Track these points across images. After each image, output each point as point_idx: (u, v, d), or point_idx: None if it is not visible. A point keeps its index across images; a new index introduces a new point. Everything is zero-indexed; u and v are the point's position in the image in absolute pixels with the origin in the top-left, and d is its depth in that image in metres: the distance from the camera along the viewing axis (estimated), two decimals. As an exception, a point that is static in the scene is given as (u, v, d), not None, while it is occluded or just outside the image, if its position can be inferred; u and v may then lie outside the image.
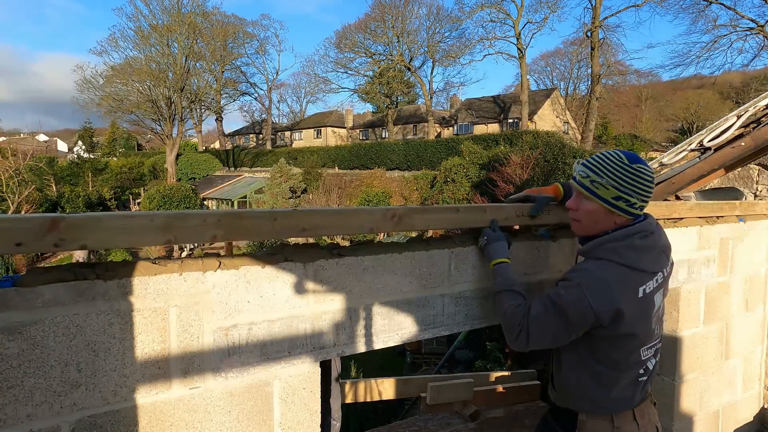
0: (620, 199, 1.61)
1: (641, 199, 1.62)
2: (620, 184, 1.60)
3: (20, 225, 1.12)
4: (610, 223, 1.66)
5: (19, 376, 1.17)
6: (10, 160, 24.10)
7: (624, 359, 1.67)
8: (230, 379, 1.46)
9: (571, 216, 1.76)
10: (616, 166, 1.61)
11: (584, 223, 1.71)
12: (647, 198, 1.64)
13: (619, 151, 1.65)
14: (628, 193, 1.60)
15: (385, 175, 28.44)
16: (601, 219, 1.66)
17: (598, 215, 1.66)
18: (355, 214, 1.61)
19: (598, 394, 1.70)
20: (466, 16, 38.26)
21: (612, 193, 1.61)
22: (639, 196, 1.62)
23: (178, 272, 1.36)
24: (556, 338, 1.64)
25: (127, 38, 39.61)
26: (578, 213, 1.72)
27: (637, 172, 1.60)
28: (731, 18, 27.43)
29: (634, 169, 1.60)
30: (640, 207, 1.64)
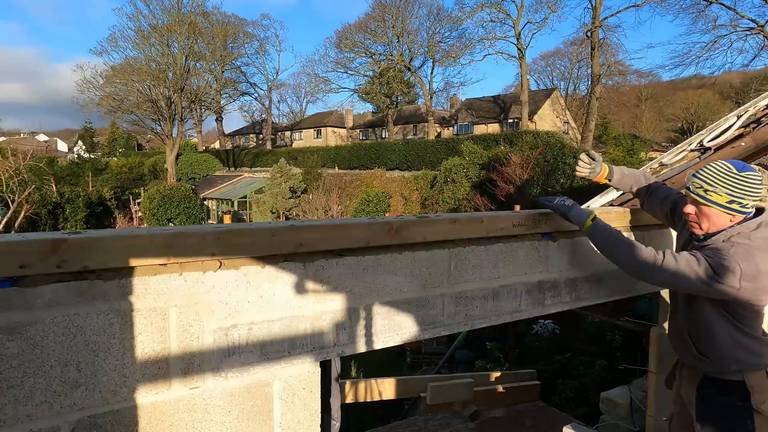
0: (733, 202, 1.86)
1: (753, 199, 1.87)
2: (731, 190, 1.85)
3: (23, 248, 1.15)
4: (726, 223, 1.90)
5: (19, 376, 1.17)
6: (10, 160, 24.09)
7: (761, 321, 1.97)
8: (230, 379, 1.46)
9: (688, 220, 1.99)
10: (726, 176, 1.86)
11: (703, 225, 1.94)
12: (758, 196, 1.87)
13: (728, 162, 1.90)
14: (740, 197, 1.85)
15: (385, 175, 28.41)
16: (717, 220, 1.90)
17: (713, 218, 1.90)
18: (352, 228, 1.63)
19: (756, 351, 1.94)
20: (466, 16, 38.23)
21: (725, 198, 1.86)
22: (750, 197, 1.86)
23: (178, 272, 1.36)
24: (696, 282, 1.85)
25: (127, 38, 39.44)
26: (696, 217, 1.96)
27: (744, 179, 1.85)
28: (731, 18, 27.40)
29: (741, 176, 1.86)
30: (753, 206, 1.89)
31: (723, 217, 1.89)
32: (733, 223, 1.91)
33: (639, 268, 1.96)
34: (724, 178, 1.86)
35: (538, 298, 2.17)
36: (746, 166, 1.90)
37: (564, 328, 8.74)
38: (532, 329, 8.78)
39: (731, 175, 1.86)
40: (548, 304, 2.21)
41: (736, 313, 1.91)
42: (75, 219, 25.44)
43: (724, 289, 1.81)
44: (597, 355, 7.64)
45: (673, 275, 1.88)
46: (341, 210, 24.89)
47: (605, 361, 7.25)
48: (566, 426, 3.99)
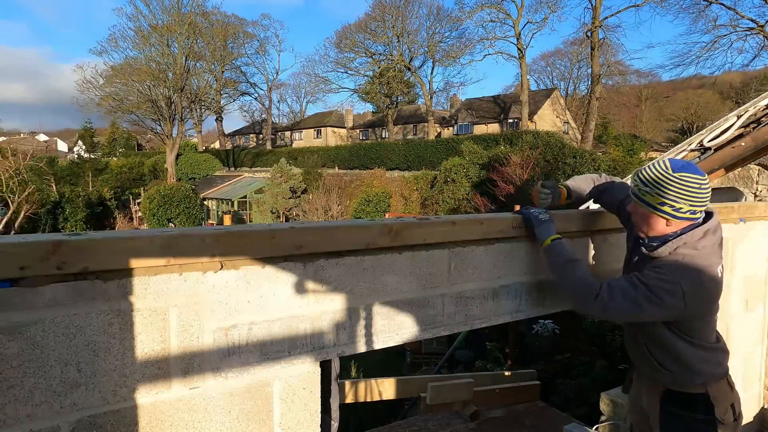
0: (665, 204, 1.73)
1: (690, 204, 1.73)
2: (664, 192, 1.71)
3: (23, 249, 1.15)
4: (661, 227, 1.79)
5: (19, 376, 1.17)
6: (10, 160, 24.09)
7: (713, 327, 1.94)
8: (230, 379, 1.46)
9: (632, 219, 1.91)
10: (660, 176, 1.73)
11: (641, 226, 1.84)
12: (697, 203, 1.74)
13: (669, 161, 1.76)
14: (674, 200, 1.71)
15: (385, 175, 28.41)
16: (651, 223, 1.80)
17: (650, 221, 1.79)
18: (352, 230, 1.63)
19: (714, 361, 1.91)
20: (466, 16, 38.23)
21: (657, 200, 1.73)
22: (685, 201, 1.72)
23: (178, 272, 1.36)
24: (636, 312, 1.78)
25: (127, 38, 39.44)
26: (634, 216, 1.87)
27: (680, 181, 1.70)
28: (731, 18, 27.41)
29: (676, 178, 1.70)
30: (690, 211, 1.74)
31: (657, 221, 1.78)
32: (675, 230, 1.79)
33: (576, 302, 1.89)
34: (657, 177, 1.73)
35: (538, 298, 2.17)
36: (686, 166, 1.75)
37: (564, 328, 8.74)
38: (532, 329, 8.78)
39: (664, 174, 1.72)
40: (548, 304, 2.21)
41: (687, 329, 1.85)
42: (75, 219, 25.44)
43: (669, 312, 1.76)
44: (597, 355, 7.64)
45: (612, 312, 1.80)
46: (341, 210, 24.88)
47: (605, 361, 7.24)
48: (566, 426, 3.99)
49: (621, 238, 2.44)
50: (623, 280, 1.81)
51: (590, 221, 2.32)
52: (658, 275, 1.74)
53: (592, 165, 19.21)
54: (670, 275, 1.73)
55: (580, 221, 2.28)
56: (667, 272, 1.74)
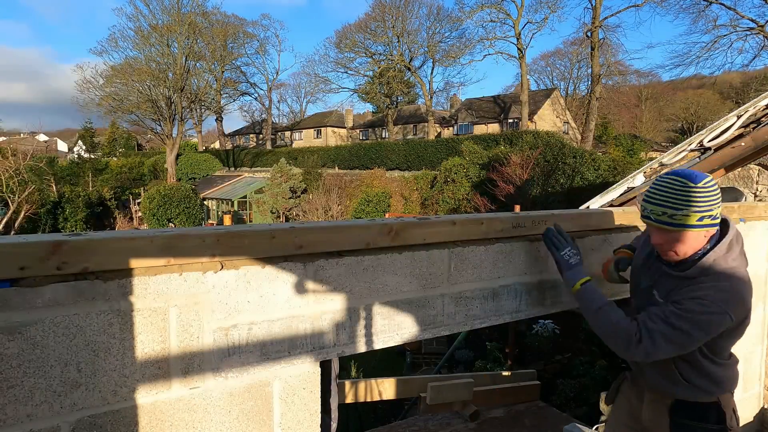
0: (704, 218, 1.68)
1: (717, 207, 1.71)
2: (699, 207, 1.66)
3: (23, 249, 1.15)
4: (701, 240, 1.74)
5: (19, 376, 1.17)
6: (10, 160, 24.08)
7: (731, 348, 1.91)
8: (230, 379, 1.46)
9: (661, 250, 1.80)
10: (686, 193, 1.66)
11: (679, 252, 1.76)
12: (720, 205, 1.73)
13: (679, 176, 1.69)
14: (707, 210, 1.67)
15: (385, 175, 28.41)
16: (692, 242, 1.74)
17: (689, 241, 1.73)
18: (352, 230, 1.63)
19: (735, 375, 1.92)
20: (466, 16, 38.24)
21: (695, 217, 1.67)
22: (715, 206, 1.69)
23: (178, 272, 1.36)
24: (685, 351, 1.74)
25: (127, 38, 39.49)
26: (668, 245, 1.76)
27: (706, 189, 1.67)
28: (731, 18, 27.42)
29: (702, 188, 1.66)
30: (719, 214, 1.74)
31: (698, 237, 1.73)
32: (707, 238, 1.76)
33: (616, 349, 1.82)
34: (686, 195, 1.66)
35: (538, 298, 2.17)
36: (699, 175, 1.71)
37: (564, 328, 8.74)
38: (532, 329, 8.78)
39: (691, 189, 1.66)
40: (548, 304, 2.21)
41: (716, 347, 1.82)
42: (75, 219, 25.44)
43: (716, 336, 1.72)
44: (597, 355, 7.64)
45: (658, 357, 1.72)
46: (341, 210, 24.89)
47: (605, 361, 7.24)
48: (566, 426, 3.98)
49: (621, 238, 2.44)
50: (661, 322, 1.70)
51: (590, 221, 2.32)
52: (703, 308, 1.67)
53: (592, 165, 19.22)
54: (716, 306, 1.67)
55: (579, 221, 2.28)
56: (713, 303, 1.67)
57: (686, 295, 1.72)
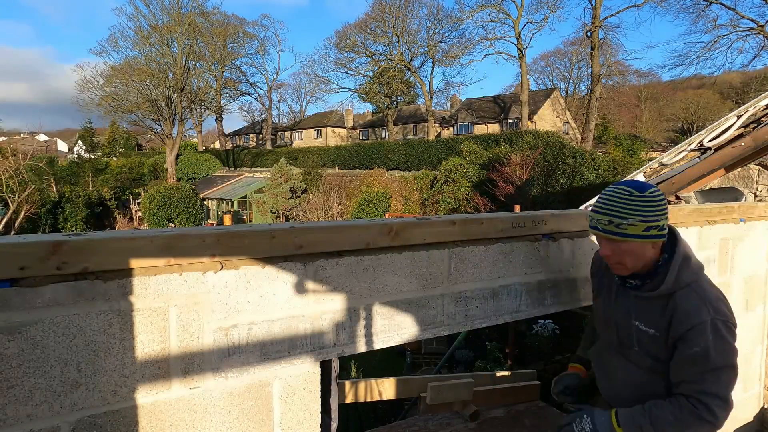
0: (651, 228, 1.65)
1: (665, 218, 1.68)
2: (645, 215, 1.63)
3: (23, 249, 1.16)
4: (649, 253, 1.70)
5: (19, 376, 1.17)
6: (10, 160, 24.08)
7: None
8: (230, 379, 1.46)
9: (609, 262, 1.76)
10: (633, 202, 1.64)
11: (627, 264, 1.71)
12: (667, 216, 1.70)
13: (626, 186, 1.68)
14: (654, 220, 1.65)
15: (385, 175, 28.41)
16: (640, 254, 1.69)
17: (636, 252, 1.68)
18: (352, 230, 1.63)
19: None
20: (466, 16, 38.25)
21: (642, 227, 1.64)
22: (662, 217, 1.67)
23: (178, 272, 1.36)
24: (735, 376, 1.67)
25: (127, 38, 39.48)
26: (616, 257, 1.71)
27: (653, 200, 1.65)
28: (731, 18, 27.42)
29: (648, 197, 1.64)
30: (666, 226, 1.70)
31: (644, 248, 1.68)
32: (657, 253, 1.71)
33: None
34: (631, 205, 1.64)
35: (538, 298, 2.17)
36: (646, 185, 1.69)
37: (564, 328, 8.74)
38: (532, 329, 8.78)
39: (637, 198, 1.64)
40: (548, 304, 2.21)
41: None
42: (75, 219, 25.44)
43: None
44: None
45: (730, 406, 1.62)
46: (341, 210, 24.89)
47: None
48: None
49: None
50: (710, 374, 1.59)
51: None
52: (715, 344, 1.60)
53: (592, 165, 19.21)
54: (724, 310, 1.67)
55: (579, 220, 2.28)
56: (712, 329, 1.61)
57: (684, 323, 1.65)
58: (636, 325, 1.77)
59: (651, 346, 1.73)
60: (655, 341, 1.71)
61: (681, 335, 1.64)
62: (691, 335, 1.61)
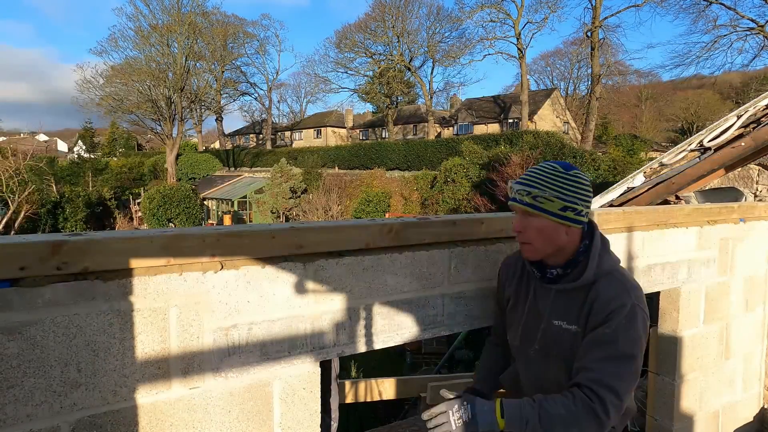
0: (567, 209, 1.54)
1: (585, 206, 1.58)
2: (563, 193, 1.54)
3: (23, 249, 1.15)
4: (562, 238, 1.58)
5: (19, 376, 1.17)
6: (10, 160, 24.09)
7: None
8: (230, 379, 1.46)
9: (519, 240, 1.63)
10: (555, 177, 1.56)
11: (536, 244, 1.59)
12: (589, 204, 1.60)
13: (552, 162, 1.61)
14: (574, 202, 1.55)
15: (385, 175, 28.42)
16: (551, 235, 1.57)
17: (547, 231, 1.56)
18: (352, 230, 1.63)
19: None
20: (466, 16, 38.29)
21: (558, 204, 1.54)
22: (583, 203, 1.57)
23: (178, 272, 1.36)
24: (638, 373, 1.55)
25: (127, 38, 39.50)
26: (527, 234, 1.59)
27: (575, 180, 1.56)
28: (731, 18, 27.46)
29: (571, 177, 1.56)
30: (586, 214, 1.59)
31: (557, 231, 1.56)
32: (572, 243, 1.59)
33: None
34: (552, 178, 1.55)
35: (538, 298, 2.17)
36: (573, 166, 1.61)
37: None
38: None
39: (559, 174, 1.56)
40: (548, 304, 2.21)
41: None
42: (75, 219, 25.45)
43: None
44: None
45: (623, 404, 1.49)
46: (341, 210, 24.90)
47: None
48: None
49: (619, 237, 2.44)
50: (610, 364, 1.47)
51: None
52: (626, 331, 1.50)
53: (592, 165, 19.22)
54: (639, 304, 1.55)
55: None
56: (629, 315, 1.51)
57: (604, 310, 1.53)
58: (557, 325, 1.64)
59: (574, 345, 1.59)
60: (577, 339, 1.59)
61: (599, 321, 1.53)
62: (608, 318, 1.51)
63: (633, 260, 2.50)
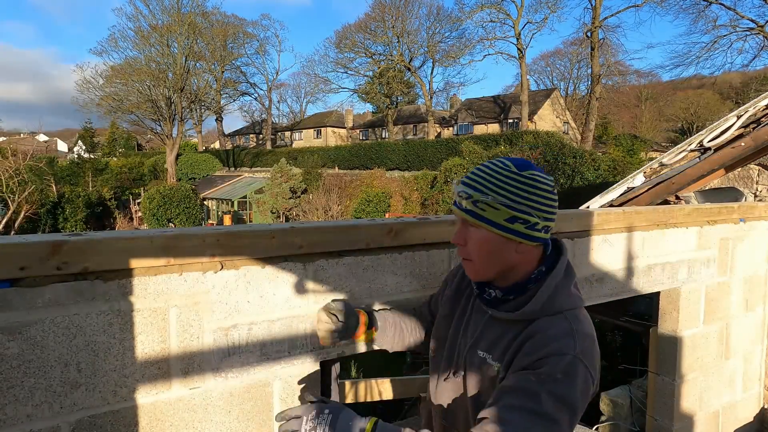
0: (516, 220, 1.17)
1: (544, 219, 1.20)
2: (512, 199, 1.17)
3: (23, 249, 1.16)
4: (511, 256, 1.22)
5: (19, 376, 1.17)
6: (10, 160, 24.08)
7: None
8: (230, 379, 1.46)
9: (459, 255, 1.30)
10: (504, 178, 1.19)
11: (477, 262, 1.24)
12: (551, 217, 1.22)
13: (505, 159, 1.23)
14: (525, 212, 1.17)
15: (385, 175, 28.40)
16: (496, 252, 1.21)
17: (491, 246, 1.21)
18: (351, 230, 1.63)
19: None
20: (466, 16, 38.32)
21: (504, 213, 1.17)
22: (540, 213, 1.19)
23: (178, 272, 1.36)
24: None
25: (127, 38, 39.58)
26: (467, 249, 1.25)
27: (531, 183, 1.18)
28: (731, 18, 27.47)
29: (526, 179, 1.18)
30: (544, 228, 1.21)
31: (503, 247, 1.20)
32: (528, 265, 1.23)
33: None
34: (499, 180, 1.18)
35: (538, 298, 2.17)
36: (532, 166, 1.23)
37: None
38: (532, 329, 8.77)
39: (510, 175, 1.19)
40: (548, 304, 2.21)
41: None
42: (75, 219, 25.44)
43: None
44: (597, 355, 7.63)
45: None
46: (341, 210, 24.89)
47: (605, 361, 7.24)
48: (566, 426, 3.97)
49: (619, 237, 2.44)
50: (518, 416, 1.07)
51: (590, 221, 2.32)
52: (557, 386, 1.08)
53: (592, 165, 19.22)
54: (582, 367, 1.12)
55: (578, 220, 2.28)
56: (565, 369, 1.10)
57: (536, 352, 1.13)
58: (481, 357, 1.27)
59: (491, 386, 1.22)
60: (495, 381, 1.22)
61: (527, 364, 1.14)
62: (538, 363, 1.12)
63: (633, 260, 2.50)
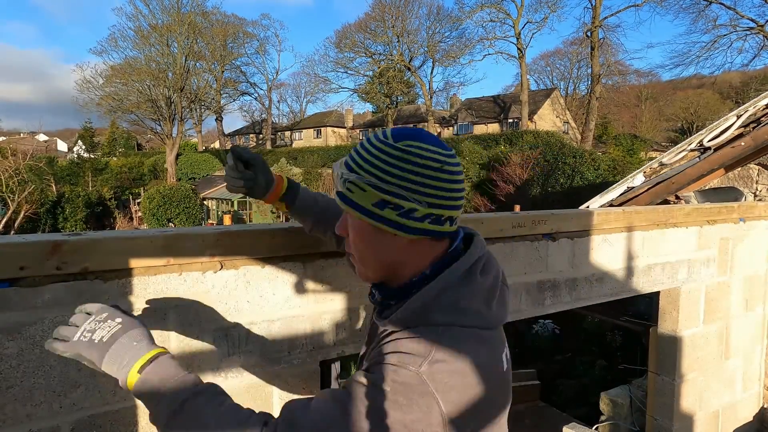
0: (385, 205, 0.88)
1: (428, 204, 0.88)
2: (380, 178, 0.88)
3: (23, 249, 1.16)
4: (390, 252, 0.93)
5: (19, 376, 1.17)
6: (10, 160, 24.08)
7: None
8: (230, 379, 1.46)
9: (346, 250, 1.03)
10: (375, 150, 0.90)
11: (355, 257, 0.99)
12: (445, 202, 0.90)
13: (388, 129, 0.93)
14: (396, 194, 0.88)
15: (385, 175, 28.38)
16: (372, 246, 0.94)
17: (364, 237, 0.94)
18: None
19: None
20: (466, 16, 38.32)
21: (371, 195, 0.89)
22: (419, 197, 0.88)
23: (177, 272, 1.36)
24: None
25: (127, 38, 39.51)
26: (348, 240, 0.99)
27: (405, 156, 0.88)
28: (731, 18, 27.50)
29: (399, 151, 0.88)
30: (429, 217, 0.89)
31: (378, 239, 0.92)
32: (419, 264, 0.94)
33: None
34: (369, 153, 0.90)
35: (538, 298, 2.17)
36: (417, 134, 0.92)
37: (564, 328, 8.74)
38: (532, 329, 8.78)
39: (382, 147, 0.89)
40: (548, 304, 2.21)
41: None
42: (75, 219, 25.43)
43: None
44: (597, 355, 7.65)
45: None
46: (341, 210, 24.86)
47: (605, 361, 7.25)
48: (566, 426, 3.99)
49: (619, 237, 2.44)
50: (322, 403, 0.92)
51: (590, 220, 2.32)
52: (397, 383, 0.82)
53: (592, 165, 19.21)
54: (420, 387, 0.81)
55: (578, 220, 2.28)
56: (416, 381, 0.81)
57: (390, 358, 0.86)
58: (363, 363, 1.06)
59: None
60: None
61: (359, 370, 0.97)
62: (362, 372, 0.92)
63: (633, 260, 2.50)
